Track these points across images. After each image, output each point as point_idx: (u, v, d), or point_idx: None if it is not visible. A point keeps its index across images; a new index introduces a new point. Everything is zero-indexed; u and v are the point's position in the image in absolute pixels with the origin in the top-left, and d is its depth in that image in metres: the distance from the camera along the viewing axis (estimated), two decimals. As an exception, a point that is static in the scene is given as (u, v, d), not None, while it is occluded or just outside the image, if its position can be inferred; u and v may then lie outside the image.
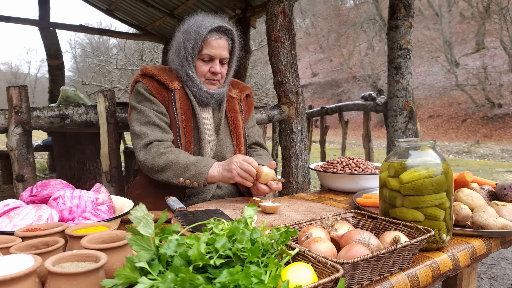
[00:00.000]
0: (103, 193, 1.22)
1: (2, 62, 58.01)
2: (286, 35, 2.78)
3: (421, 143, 1.08)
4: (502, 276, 3.01)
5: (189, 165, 1.47)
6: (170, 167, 1.48)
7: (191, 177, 1.46)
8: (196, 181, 1.46)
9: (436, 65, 22.03)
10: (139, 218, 0.71)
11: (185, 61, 1.60)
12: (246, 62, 5.28)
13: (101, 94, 2.10)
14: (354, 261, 0.76)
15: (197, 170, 1.45)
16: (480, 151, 13.15)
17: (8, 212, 1.04)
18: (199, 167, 1.46)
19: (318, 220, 1.04)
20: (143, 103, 1.60)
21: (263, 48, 16.40)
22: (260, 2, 4.84)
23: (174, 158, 1.49)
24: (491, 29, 21.28)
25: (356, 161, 1.82)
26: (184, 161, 1.48)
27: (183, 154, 1.51)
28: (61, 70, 6.68)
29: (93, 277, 0.66)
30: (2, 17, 5.96)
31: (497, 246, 1.17)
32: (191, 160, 1.48)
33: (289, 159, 2.92)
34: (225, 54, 1.62)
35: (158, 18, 6.41)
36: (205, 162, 1.48)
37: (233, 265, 0.70)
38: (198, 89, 1.62)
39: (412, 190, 1.04)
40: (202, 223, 0.90)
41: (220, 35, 1.60)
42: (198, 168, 1.45)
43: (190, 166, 1.46)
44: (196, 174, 1.45)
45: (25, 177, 1.90)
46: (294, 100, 2.88)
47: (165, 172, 1.49)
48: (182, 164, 1.47)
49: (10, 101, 1.86)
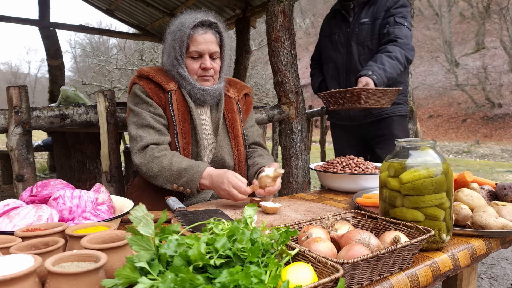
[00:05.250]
0: (103, 193, 1.22)
1: (2, 62, 58.01)
2: (286, 35, 2.78)
3: (421, 143, 1.08)
4: (502, 276, 3.01)
5: (181, 172, 1.46)
6: (163, 173, 1.48)
7: (184, 184, 1.46)
8: (189, 188, 1.46)
9: (436, 65, 22.02)
10: (139, 218, 0.71)
11: (175, 61, 1.59)
12: (246, 62, 5.27)
13: (101, 94, 2.10)
14: (354, 261, 0.76)
15: (188, 177, 1.45)
16: (480, 151, 13.15)
17: (8, 212, 1.04)
18: (190, 174, 1.45)
19: (318, 220, 1.04)
20: (140, 105, 1.60)
21: (263, 48, 16.39)
22: (260, 2, 4.84)
23: (167, 164, 1.48)
24: (491, 29, 21.28)
25: (356, 161, 1.82)
26: (176, 167, 1.47)
27: (176, 159, 1.50)
28: (61, 70, 6.67)
29: (93, 277, 0.66)
30: (2, 17, 5.96)
31: (497, 246, 1.17)
32: (183, 166, 1.47)
33: (289, 159, 2.92)
34: (213, 48, 1.60)
35: (158, 18, 6.41)
36: (197, 169, 1.46)
37: (233, 265, 0.70)
38: (192, 87, 1.61)
39: (412, 190, 1.04)
40: (202, 223, 0.90)
41: (205, 30, 1.58)
42: (190, 175, 1.45)
43: (182, 173, 1.46)
44: (188, 181, 1.45)
45: (25, 177, 1.90)
46: (294, 100, 2.88)
47: (159, 178, 1.49)
48: (174, 170, 1.47)
49: (10, 101, 1.86)
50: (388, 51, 2.25)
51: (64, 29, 6.79)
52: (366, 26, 2.45)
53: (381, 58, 2.22)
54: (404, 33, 2.29)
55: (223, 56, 1.66)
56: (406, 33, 2.30)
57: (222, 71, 1.69)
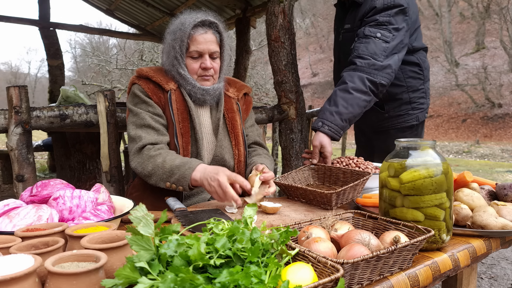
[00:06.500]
0: (103, 193, 1.22)
1: (2, 62, 57.99)
2: (286, 35, 2.78)
3: (421, 143, 1.08)
4: (502, 276, 3.01)
5: (173, 169, 1.44)
6: (157, 171, 1.46)
7: (176, 181, 1.43)
8: (181, 185, 1.43)
9: (436, 65, 22.01)
10: (139, 218, 0.71)
11: (175, 60, 1.59)
12: (246, 62, 5.27)
13: (101, 94, 2.10)
14: (354, 261, 0.76)
15: (180, 174, 1.42)
16: (480, 151, 13.15)
17: (8, 212, 1.04)
18: (182, 171, 1.42)
19: (318, 220, 1.04)
20: (139, 105, 1.60)
21: (263, 48, 16.39)
22: (260, 2, 4.84)
23: (161, 162, 1.46)
24: (491, 29, 21.29)
25: (356, 161, 1.82)
26: (169, 164, 1.45)
27: (170, 157, 1.48)
28: (61, 70, 6.67)
29: (93, 277, 0.66)
30: (2, 17, 5.96)
31: (497, 246, 1.17)
32: (176, 164, 1.45)
33: (289, 159, 2.92)
34: (213, 48, 1.60)
35: (158, 18, 6.41)
36: (189, 165, 1.43)
37: (233, 265, 0.70)
38: (192, 86, 1.60)
39: (412, 190, 1.04)
40: (202, 223, 0.90)
41: (205, 30, 1.58)
42: (181, 172, 1.42)
43: (174, 170, 1.44)
44: (180, 178, 1.42)
45: (25, 177, 1.90)
46: (294, 100, 2.88)
47: (153, 176, 1.48)
48: (167, 168, 1.45)
49: (10, 101, 1.86)
50: (344, 81, 1.86)
51: (64, 29, 6.80)
52: (348, 34, 2.10)
53: (335, 97, 1.85)
54: (371, 50, 1.85)
55: (223, 56, 1.66)
56: (374, 50, 1.85)
57: (222, 71, 1.69)
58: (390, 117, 2.17)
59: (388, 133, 2.20)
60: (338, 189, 1.37)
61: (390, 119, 2.17)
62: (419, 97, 2.17)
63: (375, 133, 2.29)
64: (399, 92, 2.12)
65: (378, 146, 2.28)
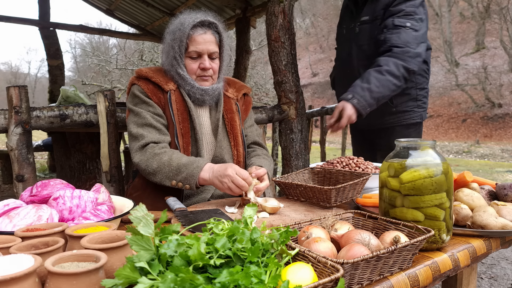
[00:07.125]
0: (103, 193, 1.22)
1: (2, 62, 58.07)
2: (286, 35, 2.78)
3: (421, 143, 1.08)
4: (502, 276, 3.01)
5: (180, 167, 1.44)
6: (162, 169, 1.47)
7: (183, 180, 1.44)
8: (188, 183, 1.44)
9: (436, 65, 22.01)
10: (139, 218, 0.71)
11: (174, 61, 1.59)
12: (246, 62, 5.27)
13: (101, 94, 2.10)
14: (354, 261, 0.76)
15: (188, 172, 1.43)
16: (480, 151, 13.15)
17: (8, 212, 1.04)
18: (190, 169, 1.43)
19: (318, 220, 1.04)
20: (139, 105, 1.60)
21: (263, 48, 16.39)
22: (260, 2, 4.84)
23: (167, 160, 1.47)
24: (491, 29, 21.28)
25: (356, 161, 1.82)
26: (176, 162, 1.46)
27: (176, 155, 1.49)
28: (61, 70, 6.67)
29: (93, 277, 0.66)
30: (2, 17, 5.96)
31: (497, 246, 1.17)
32: (183, 162, 1.45)
33: (289, 159, 2.92)
34: (212, 48, 1.59)
35: (158, 18, 6.42)
36: (196, 164, 1.44)
37: (233, 265, 0.70)
38: (191, 87, 1.60)
39: (412, 190, 1.04)
40: (202, 223, 0.90)
41: (204, 30, 1.58)
42: (189, 171, 1.43)
43: (181, 168, 1.44)
44: (188, 177, 1.43)
45: (25, 177, 1.90)
46: (294, 100, 2.88)
47: (158, 174, 1.48)
48: (174, 166, 1.45)
49: (10, 101, 1.86)
50: (379, 64, 1.95)
51: (64, 29, 6.80)
52: (366, 26, 2.15)
53: (368, 75, 1.93)
54: (403, 39, 1.95)
55: (222, 56, 1.66)
56: (406, 39, 1.96)
57: (221, 71, 1.69)
58: (397, 112, 2.21)
59: (393, 130, 2.25)
60: (338, 186, 1.38)
61: (397, 115, 2.21)
62: (423, 96, 2.24)
63: (378, 130, 2.31)
64: (409, 87, 2.17)
65: (381, 145, 2.30)
